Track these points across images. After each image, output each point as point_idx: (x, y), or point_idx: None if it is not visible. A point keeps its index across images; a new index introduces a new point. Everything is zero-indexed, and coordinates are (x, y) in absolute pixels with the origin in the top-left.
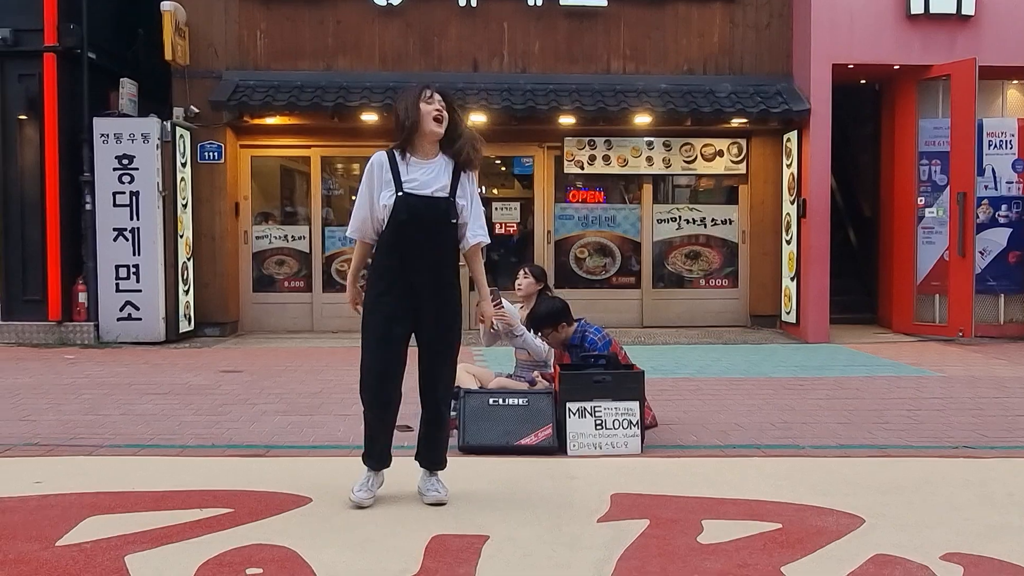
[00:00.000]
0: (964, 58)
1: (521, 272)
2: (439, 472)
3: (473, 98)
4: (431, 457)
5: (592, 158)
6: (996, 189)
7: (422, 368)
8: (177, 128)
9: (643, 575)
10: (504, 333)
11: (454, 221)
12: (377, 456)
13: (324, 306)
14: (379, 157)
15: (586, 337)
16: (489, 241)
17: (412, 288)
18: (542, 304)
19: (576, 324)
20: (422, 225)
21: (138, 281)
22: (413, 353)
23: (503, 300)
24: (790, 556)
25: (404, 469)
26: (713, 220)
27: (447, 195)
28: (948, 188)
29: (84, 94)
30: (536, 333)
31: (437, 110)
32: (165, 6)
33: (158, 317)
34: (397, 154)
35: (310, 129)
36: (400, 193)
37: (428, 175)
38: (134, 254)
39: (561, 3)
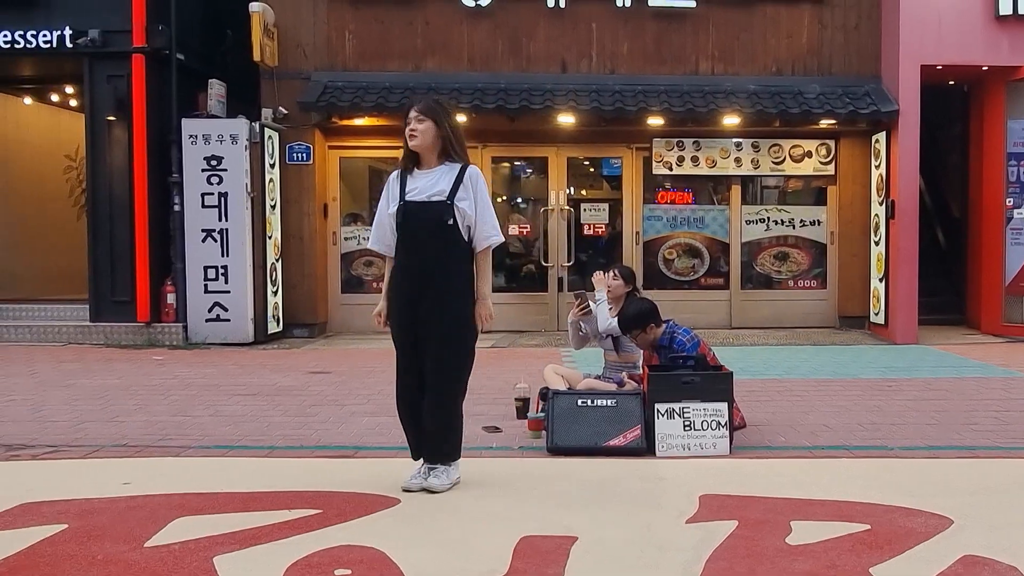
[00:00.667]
0: None
1: (610, 274)
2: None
3: (562, 99)
4: (427, 449)
5: (680, 159)
6: None
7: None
8: (266, 129)
9: None
10: (592, 335)
11: (450, 222)
12: (413, 449)
13: None
14: (393, 173)
15: (675, 338)
16: (502, 239)
17: (414, 292)
18: (631, 305)
19: (665, 325)
20: (420, 228)
21: (227, 282)
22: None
23: (592, 303)
24: (878, 557)
25: (494, 471)
26: (802, 221)
27: (445, 198)
28: None
29: (173, 95)
30: (625, 334)
31: (411, 129)
32: (254, 7)
33: (246, 318)
34: (407, 169)
35: (398, 130)
36: (401, 202)
37: (428, 182)
38: (223, 255)
39: (649, 4)
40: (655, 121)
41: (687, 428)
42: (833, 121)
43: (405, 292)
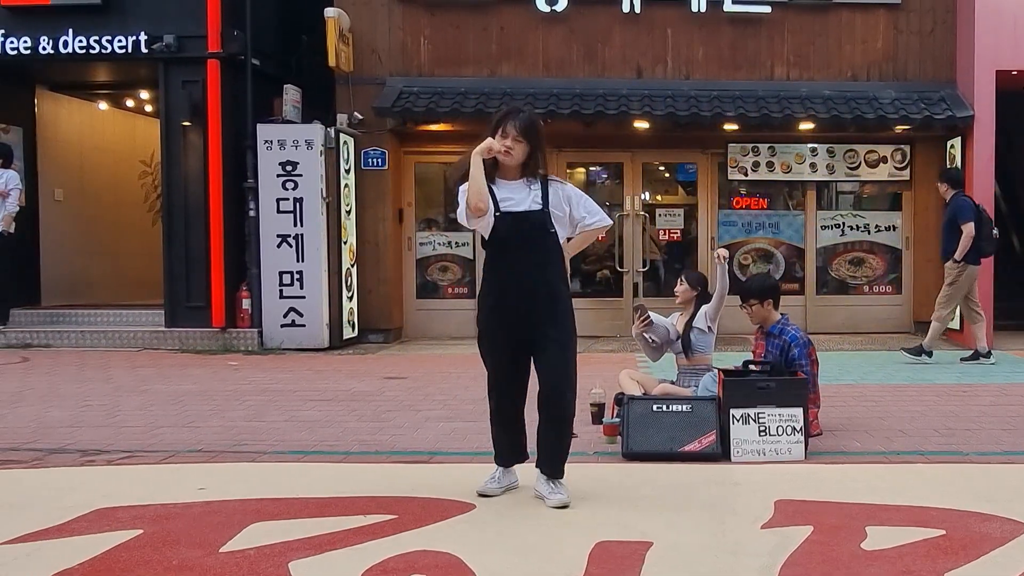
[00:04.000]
0: None
1: (679, 280)
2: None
3: (636, 105)
4: (551, 463)
5: (756, 164)
6: None
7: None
8: (341, 134)
9: None
10: (664, 342)
11: (551, 230)
12: (505, 454)
13: None
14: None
15: (785, 331)
16: (610, 222)
17: (523, 305)
18: (756, 277)
19: (781, 316)
20: (521, 238)
21: (302, 287)
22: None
23: (651, 314)
24: (953, 563)
25: (570, 476)
26: (877, 226)
27: (541, 207)
28: None
29: (248, 100)
30: (743, 303)
31: (508, 147)
32: (329, 12)
33: (322, 323)
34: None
35: (473, 136)
36: (499, 213)
37: (518, 193)
38: (298, 260)
39: (724, 9)
40: (730, 126)
41: (762, 433)
42: (908, 127)
43: (512, 306)
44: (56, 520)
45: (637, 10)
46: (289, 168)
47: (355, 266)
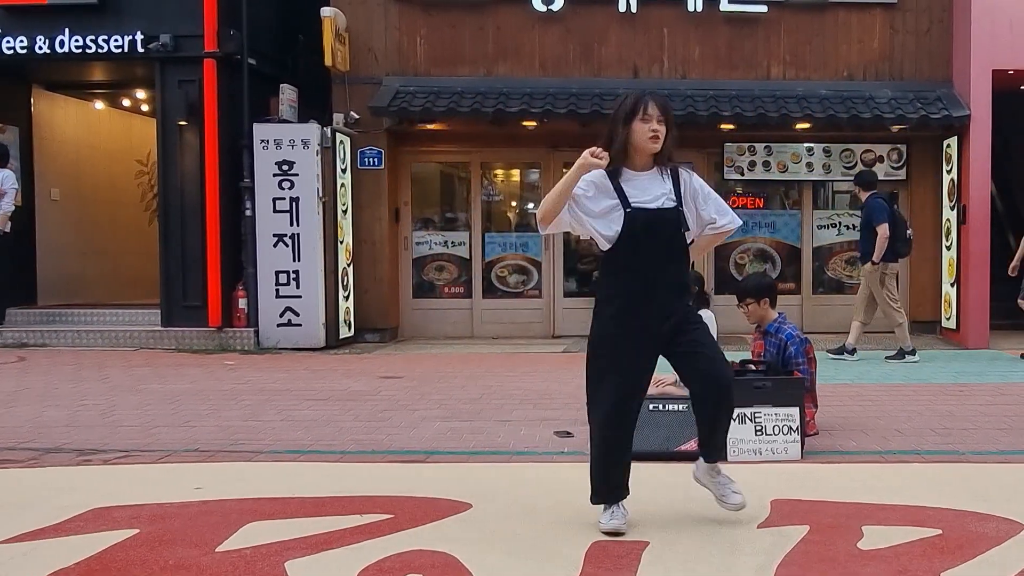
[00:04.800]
0: None
1: None
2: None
3: None
4: (713, 443)
5: (752, 164)
6: None
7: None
8: (337, 134)
9: None
10: None
11: (684, 229)
12: (617, 486)
13: (484, 312)
14: (593, 174)
15: (782, 330)
16: (740, 223)
17: (657, 309)
18: (752, 276)
19: (778, 314)
20: (653, 237)
21: (298, 287)
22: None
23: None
24: (950, 562)
25: (566, 475)
26: None
27: (675, 204)
28: None
29: (244, 100)
30: (739, 302)
31: (655, 130)
32: (325, 12)
33: (318, 323)
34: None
35: (470, 135)
36: (629, 209)
37: (651, 186)
38: (294, 260)
39: (721, 9)
40: (726, 126)
41: (758, 433)
42: (904, 126)
43: (643, 311)
44: (53, 519)
45: (633, 10)
46: (285, 168)
47: (351, 266)
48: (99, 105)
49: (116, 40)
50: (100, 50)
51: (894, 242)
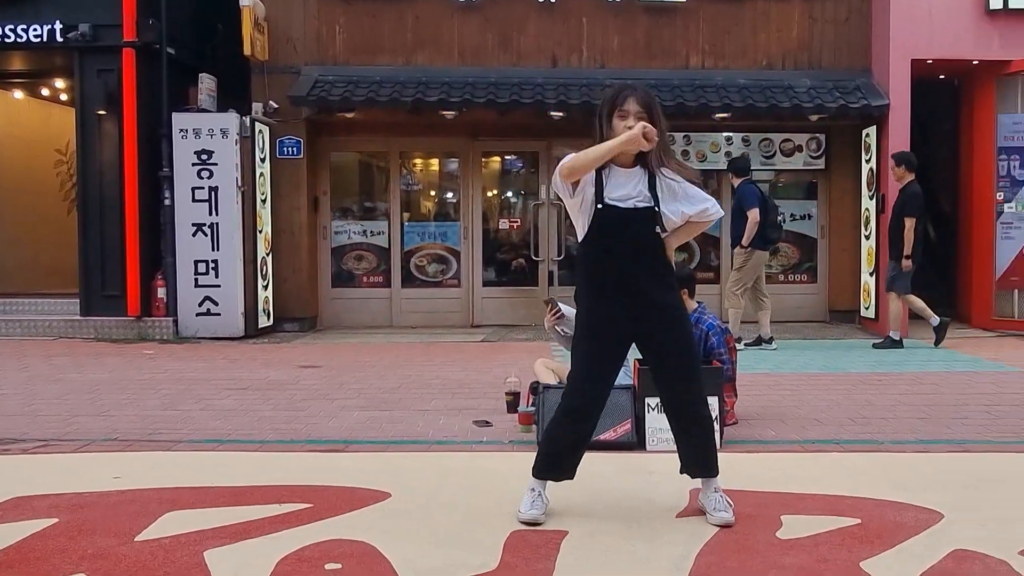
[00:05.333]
0: None
1: None
2: (717, 481)
3: (552, 94)
4: (707, 464)
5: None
6: None
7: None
8: (256, 123)
9: (722, 570)
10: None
11: (658, 230)
12: (561, 469)
13: (403, 301)
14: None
15: (703, 319)
16: (721, 213)
17: (627, 306)
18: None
19: (698, 304)
20: (622, 238)
21: (217, 276)
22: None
23: (561, 306)
24: (869, 551)
25: (485, 465)
26: (792, 215)
27: (650, 203)
28: None
29: (163, 89)
30: None
31: (630, 127)
32: (244, 1)
33: (237, 312)
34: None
35: (389, 124)
36: (600, 206)
37: (629, 184)
38: (213, 249)
39: None
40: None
41: None
42: (823, 115)
43: (612, 306)
44: None
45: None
46: (204, 157)
47: (270, 255)
48: (18, 95)
49: (35, 29)
50: (19, 39)
51: (764, 228)
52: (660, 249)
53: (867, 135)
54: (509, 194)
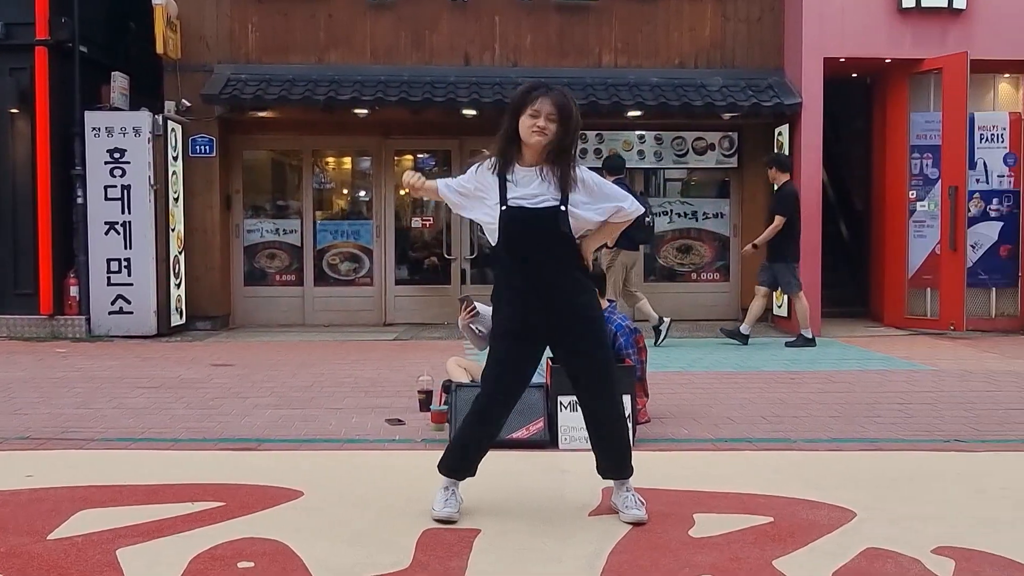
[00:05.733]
0: (956, 52)
1: None
2: (629, 481)
3: (464, 92)
4: (621, 466)
5: (583, 152)
6: (988, 183)
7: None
8: (169, 122)
9: (635, 569)
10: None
11: (565, 230)
12: (464, 468)
13: (316, 300)
14: (484, 164)
15: (611, 319)
16: (642, 209)
17: (537, 308)
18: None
19: (608, 304)
20: (528, 238)
21: (129, 275)
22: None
23: (476, 304)
24: (781, 550)
25: (397, 463)
26: (704, 214)
27: (558, 203)
28: (940, 182)
29: (76, 88)
30: None
31: (541, 126)
32: (157, 0)
33: (149, 311)
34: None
35: (301, 123)
36: (504, 207)
37: (532, 184)
38: (125, 248)
39: None
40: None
41: None
42: (735, 114)
43: (526, 307)
44: None
45: None
46: (117, 155)
47: (183, 253)
48: None
49: None
50: None
51: (631, 228)
52: (572, 249)
53: (780, 133)
54: None
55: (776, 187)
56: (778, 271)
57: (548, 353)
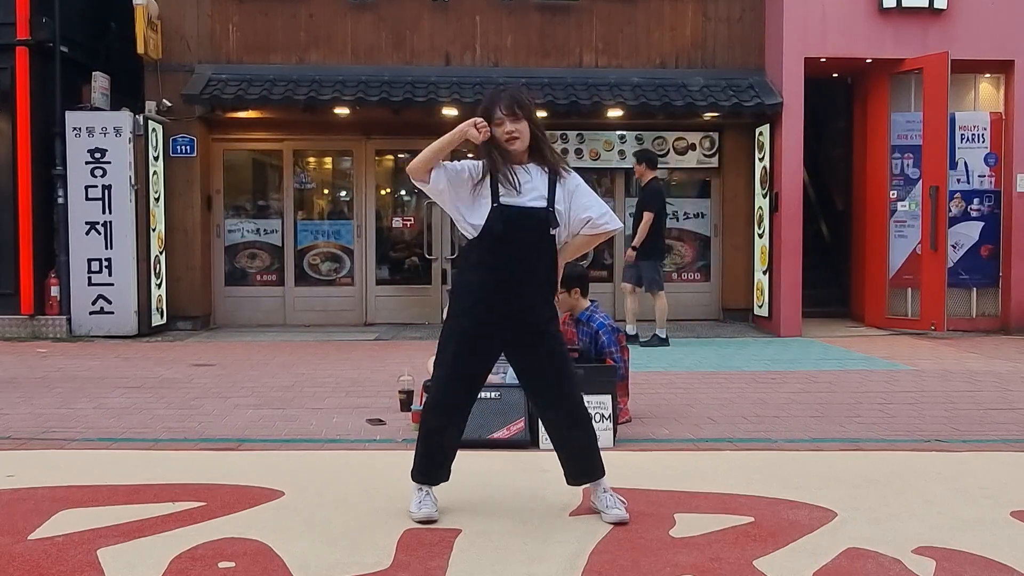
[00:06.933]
0: (936, 52)
1: None
2: (604, 481)
3: (445, 92)
4: (589, 469)
5: (564, 151)
6: (968, 183)
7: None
8: (149, 122)
9: (615, 569)
10: None
11: (552, 231)
12: (436, 472)
13: (296, 300)
14: (474, 163)
15: (594, 319)
16: (620, 226)
17: (505, 304)
18: (565, 266)
19: (590, 303)
20: (517, 236)
21: (110, 275)
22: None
23: None
24: (762, 550)
25: (378, 463)
26: (685, 214)
27: (545, 204)
28: (920, 182)
29: (56, 88)
30: None
31: (510, 132)
32: (137, 0)
33: (130, 311)
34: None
35: (282, 123)
36: (496, 204)
37: (523, 184)
38: (106, 248)
39: None
40: (539, 113)
41: None
42: (716, 114)
43: (494, 308)
44: None
45: None
46: (98, 155)
47: (164, 253)
48: None
49: None
50: None
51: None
52: (551, 254)
53: (760, 134)
54: (403, 192)
55: (643, 183)
56: (643, 268)
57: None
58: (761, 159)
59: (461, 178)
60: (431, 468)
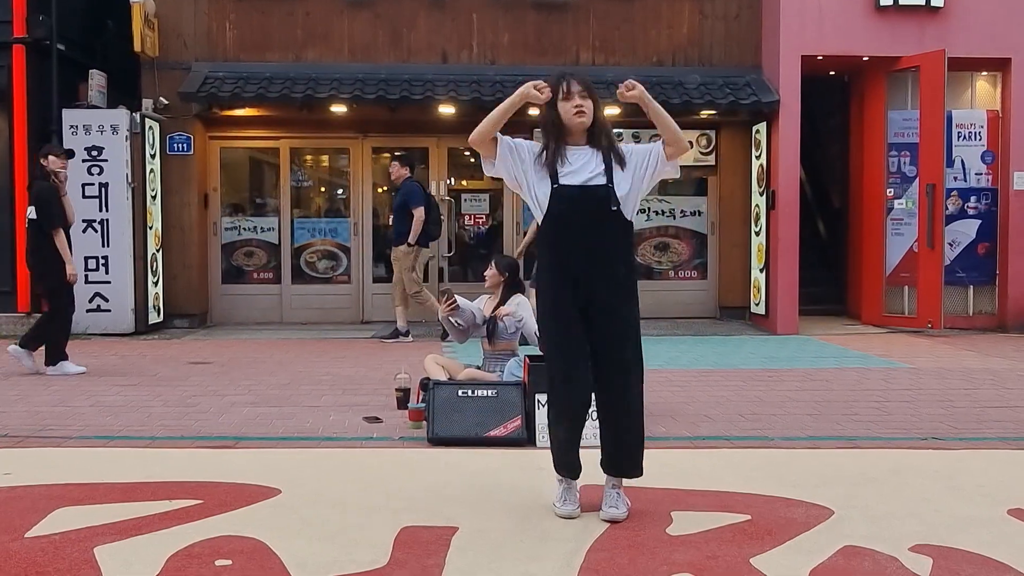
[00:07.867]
0: (933, 50)
1: (489, 264)
2: (625, 482)
3: (442, 90)
4: (619, 462)
5: None
6: (965, 181)
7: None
8: (146, 120)
9: (612, 566)
10: (471, 326)
11: (614, 208)
12: (576, 468)
13: (293, 298)
14: (528, 143)
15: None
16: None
17: (580, 292)
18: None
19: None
20: (578, 216)
21: (107, 273)
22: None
23: (457, 297)
24: (759, 548)
25: (375, 461)
26: (682, 212)
27: (604, 181)
28: (917, 180)
29: (53, 86)
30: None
31: (579, 106)
32: None
33: (127, 309)
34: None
35: (279, 121)
36: (556, 185)
37: (580, 163)
38: (103, 245)
39: None
40: (535, 111)
41: None
42: (713, 112)
43: (569, 286)
44: None
45: None
46: (95, 153)
47: (160, 251)
48: None
49: None
50: None
51: (427, 225)
52: (616, 232)
53: (757, 131)
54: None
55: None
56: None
57: (527, 351)
58: (758, 157)
59: (522, 151)
60: (569, 462)
